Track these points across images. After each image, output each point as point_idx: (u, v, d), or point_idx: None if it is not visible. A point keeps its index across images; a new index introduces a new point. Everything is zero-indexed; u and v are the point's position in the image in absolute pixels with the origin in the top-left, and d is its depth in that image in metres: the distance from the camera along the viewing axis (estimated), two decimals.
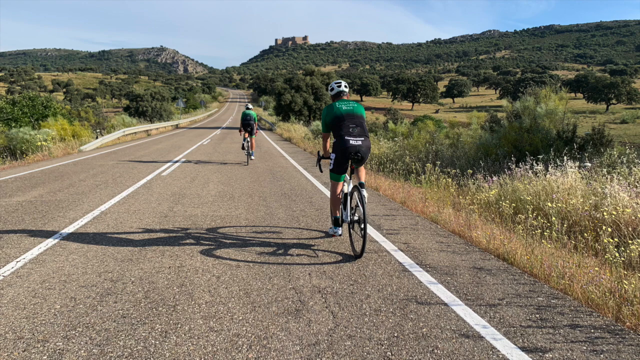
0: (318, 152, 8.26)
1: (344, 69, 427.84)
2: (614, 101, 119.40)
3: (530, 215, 8.71)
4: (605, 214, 8.22)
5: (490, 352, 4.58)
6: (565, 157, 11.74)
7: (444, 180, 12.90)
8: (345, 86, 8.19)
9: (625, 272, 6.33)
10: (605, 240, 7.07)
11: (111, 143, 34.26)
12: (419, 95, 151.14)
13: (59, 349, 4.56)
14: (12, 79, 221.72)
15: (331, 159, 7.72)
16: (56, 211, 10.52)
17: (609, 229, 7.44)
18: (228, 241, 8.11)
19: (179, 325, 5.01)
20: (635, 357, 4.58)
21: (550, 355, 4.55)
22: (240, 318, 5.20)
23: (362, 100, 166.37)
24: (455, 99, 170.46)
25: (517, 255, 7.16)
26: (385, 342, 4.73)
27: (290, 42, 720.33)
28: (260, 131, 52.68)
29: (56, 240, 8.09)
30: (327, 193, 12.99)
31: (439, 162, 14.75)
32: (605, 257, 6.86)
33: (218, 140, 38.70)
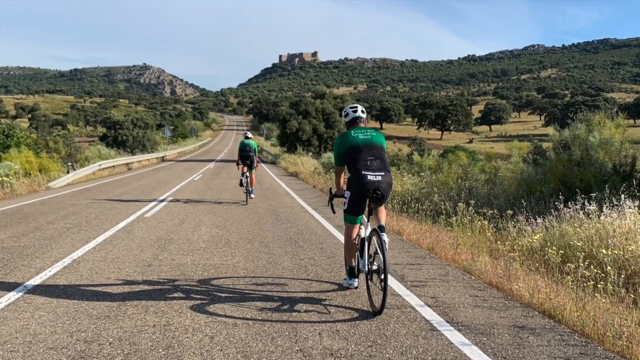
0: (330, 189, 8.32)
1: (361, 90, 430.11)
2: None
3: (581, 265, 8.71)
4: None
5: None
6: (622, 195, 11.72)
7: (479, 222, 12.91)
8: (362, 111, 8.27)
9: None
10: None
11: (85, 178, 34.46)
12: (449, 122, 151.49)
13: None
14: None
15: (345, 198, 7.75)
16: (20, 259, 10.59)
17: None
18: (223, 295, 8.15)
19: None
20: None
21: None
22: None
23: (382, 128, 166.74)
24: (493, 127, 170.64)
25: (565, 311, 7.16)
26: None
27: (297, 59, 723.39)
28: (262, 164, 52.84)
29: (20, 294, 8.14)
30: (341, 238, 13.02)
31: (473, 201, 14.76)
32: None
33: (211, 175, 38.84)
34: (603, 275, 8.43)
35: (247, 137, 21.81)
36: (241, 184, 21.34)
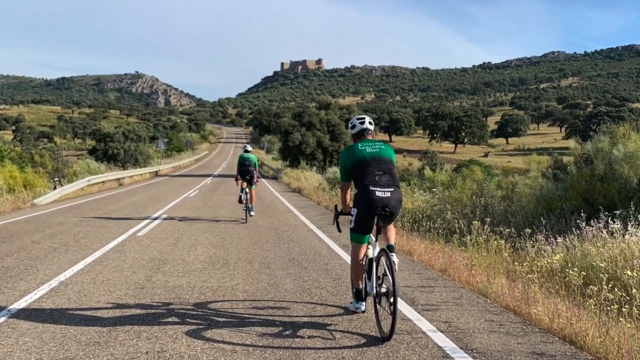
0: (335, 206, 8.31)
1: (369, 100, 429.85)
2: None
3: (605, 287, 8.70)
4: None
5: None
6: None
7: (495, 242, 12.91)
8: (370, 122, 8.26)
9: None
10: None
11: (73, 195, 34.48)
12: (463, 134, 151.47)
13: None
14: None
15: (352, 215, 7.75)
16: (3, 282, 10.60)
17: None
18: (221, 319, 8.15)
19: None
20: None
21: None
22: None
23: (391, 141, 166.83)
24: (510, 139, 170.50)
25: (587, 337, 7.16)
26: None
27: (300, 67, 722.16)
28: (262, 180, 52.77)
29: (3, 319, 8.15)
30: (347, 258, 13.01)
31: (488, 219, 14.75)
32: None
33: (208, 191, 38.90)
34: (628, 298, 8.42)
35: (246, 151, 21.83)
36: (240, 201, 21.34)
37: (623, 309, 8.01)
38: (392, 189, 7.50)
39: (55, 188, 33.74)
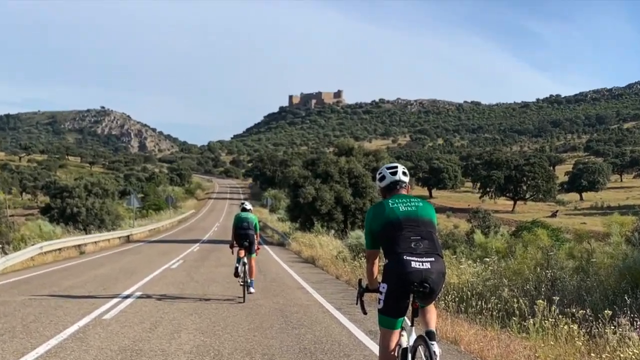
0: (359, 281, 8.33)
1: (402, 144, 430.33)
2: None
3: None
4: None
5: None
6: None
7: (565, 326, 12.91)
8: (404, 173, 8.28)
9: None
10: None
11: (20, 266, 34.57)
12: (524, 187, 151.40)
13: None
14: None
15: (381, 293, 7.75)
16: None
17: None
18: None
19: None
20: None
21: None
22: None
23: (431, 197, 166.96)
24: (584, 194, 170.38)
25: None
26: None
27: (313, 101, 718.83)
28: (265, 246, 52.72)
29: None
30: (375, 348, 13.03)
31: (557, 298, 14.77)
32: None
33: (195, 261, 38.96)
34: None
35: (244, 209, 21.89)
36: (237, 274, 21.35)
37: None
38: (433, 259, 7.47)
39: None
